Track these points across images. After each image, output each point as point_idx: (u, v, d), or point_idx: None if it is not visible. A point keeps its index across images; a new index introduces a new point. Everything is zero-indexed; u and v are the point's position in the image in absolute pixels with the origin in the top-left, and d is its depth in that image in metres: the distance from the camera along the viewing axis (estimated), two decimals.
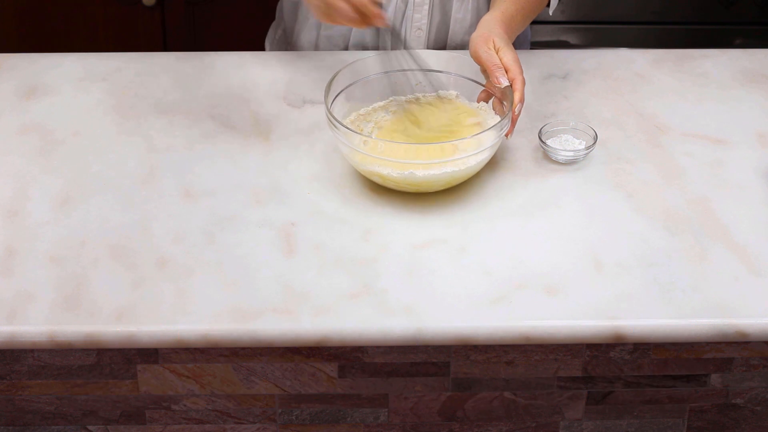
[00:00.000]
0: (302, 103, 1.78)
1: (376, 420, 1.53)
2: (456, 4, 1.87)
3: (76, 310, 1.42)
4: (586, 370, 1.50)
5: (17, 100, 1.78)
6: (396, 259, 1.49)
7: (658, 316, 1.42)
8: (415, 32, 1.87)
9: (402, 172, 1.54)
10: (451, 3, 1.87)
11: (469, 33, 1.88)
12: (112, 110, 1.76)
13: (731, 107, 1.79)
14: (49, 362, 1.47)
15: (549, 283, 1.46)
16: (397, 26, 1.58)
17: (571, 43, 2.59)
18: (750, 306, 1.43)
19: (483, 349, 1.47)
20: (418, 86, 1.71)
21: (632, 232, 1.54)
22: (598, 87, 1.82)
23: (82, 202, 1.58)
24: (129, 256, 1.49)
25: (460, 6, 1.87)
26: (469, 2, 1.87)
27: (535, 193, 1.61)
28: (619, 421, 1.54)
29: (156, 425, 1.52)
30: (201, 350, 1.46)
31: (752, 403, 1.53)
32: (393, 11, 1.86)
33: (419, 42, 1.88)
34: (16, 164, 1.65)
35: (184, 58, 1.89)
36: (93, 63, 1.87)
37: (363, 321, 1.41)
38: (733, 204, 1.59)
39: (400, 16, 1.86)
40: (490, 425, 1.54)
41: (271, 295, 1.44)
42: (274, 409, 1.52)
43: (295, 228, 1.54)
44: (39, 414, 1.51)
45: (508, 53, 1.62)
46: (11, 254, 1.50)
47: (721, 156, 1.68)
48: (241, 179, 1.62)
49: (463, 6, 1.87)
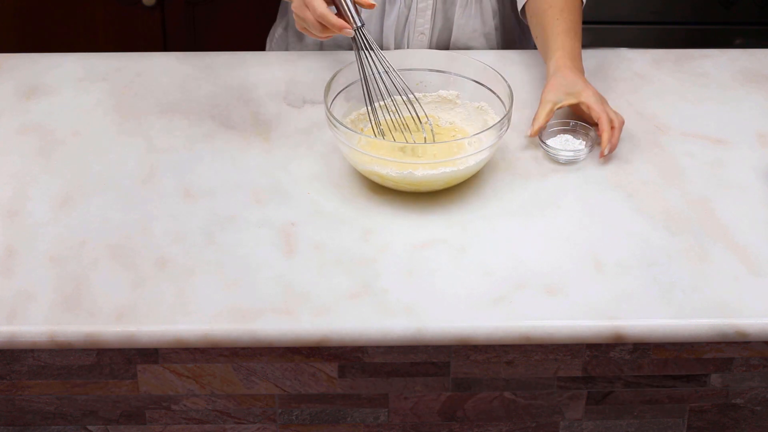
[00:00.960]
0: (302, 103, 1.78)
1: (376, 420, 1.53)
2: (459, 10, 1.87)
3: (76, 310, 1.42)
4: (586, 370, 1.50)
5: (17, 100, 1.78)
6: (396, 259, 1.49)
7: (658, 316, 1.42)
8: (418, 36, 1.87)
9: (401, 171, 1.54)
10: (453, 8, 1.87)
11: (472, 38, 1.89)
12: (112, 110, 1.76)
13: (731, 107, 1.79)
14: (49, 362, 1.46)
15: (549, 283, 1.46)
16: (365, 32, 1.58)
17: None
18: (750, 306, 1.43)
19: (483, 349, 1.47)
20: (419, 85, 1.71)
21: (632, 232, 1.54)
22: (598, 87, 1.82)
23: (82, 202, 1.58)
24: (129, 256, 1.49)
25: (462, 11, 1.87)
26: (472, 8, 1.87)
27: (535, 193, 1.61)
28: (619, 421, 1.54)
29: (156, 425, 1.52)
30: (201, 350, 1.46)
31: (752, 403, 1.53)
32: (396, 16, 1.86)
33: (421, 46, 1.88)
34: (16, 164, 1.65)
35: (184, 58, 1.89)
36: (93, 63, 1.87)
37: (363, 321, 1.41)
38: (733, 204, 1.59)
39: (403, 20, 1.87)
40: (490, 425, 1.54)
41: (271, 295, 1.44)
42: (274, 409, 1.52)
43: (295, 228, 1.54)
44: (39, 414, 1.51)
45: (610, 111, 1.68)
46: (11, 254, 1.50)
47: (721, 156, 1.68)
48: (241, 179, 1.62)
49: (466, 11, 1.87)
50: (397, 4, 1.86)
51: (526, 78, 1.82)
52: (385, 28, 1.88)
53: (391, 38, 1.88)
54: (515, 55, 1.89)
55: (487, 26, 1.90)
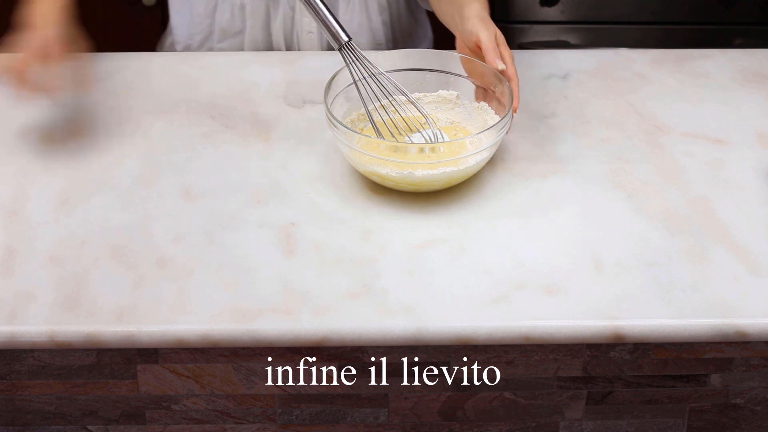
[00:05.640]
0: (302, 103, 1.78)
1: (376, 420, 1.53)
2: (342, 5, 1.89)
3: (76, 310, 1.42)
4: (586, 370, 1.50)
5: (17, 99, 1.78)
6: (396, 259, 1.49)
7: (658, 316, 1.42)
8: (307, 36, 1.91)
9: (401, 171, 1.54)
10: (337, 4, 1.89)
11: (358, 33, 1.92)
12: (112, 110, 1.76)
13: (731, 107, 1.79)
14: (49, 362, 1.47)
15: (549, 283, 1.46)
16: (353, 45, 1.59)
17: (571, 43, 2.59)
18: (750, 306, 1.43)
19: (483, 349, 1.47)
20: (419, 85, 1.71)
21: (632, 232, 1.54)
22: (598, 87, 1.82)
23: (82, 202, 1.58)
24: (129, 256, 1.49)
25: (347, 7, 1.90)
26: (356, 3, 1.89)
27: (535, 193, 1.61)
28: (619, 421, 1.54)
29: (156, 425, 1.53)
30: (201, 350, 1.46)
31: (752, 403, 1.53)
32: (282, 18, 1.89)
33: (311, 45, 1.92)
34: (16, 164, 1.65)
35: (184, 58, 1.89)
36: (93, 63, 1.87)
37: (363, 321, 1.41)
38: (733, 204, 1.59)
39: (290, 22, 1.89)
40: (490, 425, 1.54)
41: (271, 295, 1.44)
42: (274, 409, 1.52)
43: (295, 228, 1.54)
44: (39, 414, 1.51)
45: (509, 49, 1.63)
46: (11, 254, 1.50)
47: (721, 156, 1.68)
48: (241, 179, 1.62)
49: (350, 7, 1.90)
50: (281, 6, 1.89)
51: (526, 78, 1.82)
52: (273, 31, 1.91)
53: (281, 40, 1.92)
54: (515, 55, 1.88)
55: (373, 21, 1.92)
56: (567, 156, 1.68)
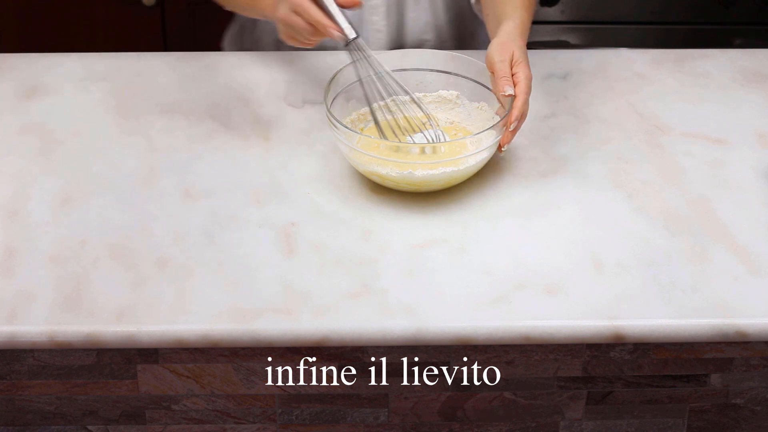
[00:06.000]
0: (302, 103, 1.78)
1: (376, 420, 1.53)
2: (411, 4, 1.89)
3: (76, 310, 1.42)
4: (586, 370, 1.50)
5: (17, 100, 1.78)
6: (396, 259, 1.49)
7: (658, 316, 1.42)
8: (374, 34, 1.89)
9: (401, 171, 1.54)
10: (405, 3, 1.88)
11: (425, 31, 1.91)
12: (112, 110, 1.76)
13: (731, 107, 1.79)
14: (49, 362, 1.46)
15: (549, 283, 1.46)
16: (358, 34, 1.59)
17: (571, 43, 2.59)
18: (750, 306, 1.43)
19: (483, 349, 1.47)
20: (419, 85, 1.71)
21: (632, 232, 1.54)
22: (598, 87, 1.82)
23: (82, 202, 1.58)
24: (129, 256, 1.49)
25: (415, 6, 1.89)
26: (425, 1, 1.89)
27: (535, 193, 1.61)
28: (619, 421, 1.54)
29: (156, 425, 1.52)
30: (201, 350, 1.46)
31: (752, 403, 1.53)
32: (350, 15, 1.88)
33: (379, 44, 1.91)
34: (16, 164, 1.65)
35: (184, 58, 1.89)
36: (93, 63, 1.87)
37: (363, 321, 1.41)
38: (733, 204, 1.59)
39: (358, 20, 1.88)
40: (490, 425, 1.54)
41: (271, 295, 1.44)
42: (274, 409, 1.52)
43: (295, 228, 1.54)
44: (39, 414, 1.51)
45: (524, 70, 1.59)
46: (11, 254, 1.50)
47: (721, 156, 1.68)
48: (241, 179, 1.62)
49: (419, 6, 1.89)
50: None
51: None
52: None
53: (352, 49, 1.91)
54: None
55: (439, 19, 1.92)
56: (567, 156, 1.68)
